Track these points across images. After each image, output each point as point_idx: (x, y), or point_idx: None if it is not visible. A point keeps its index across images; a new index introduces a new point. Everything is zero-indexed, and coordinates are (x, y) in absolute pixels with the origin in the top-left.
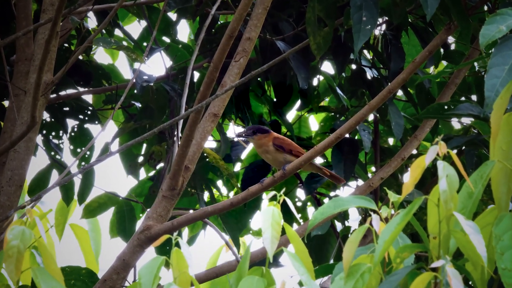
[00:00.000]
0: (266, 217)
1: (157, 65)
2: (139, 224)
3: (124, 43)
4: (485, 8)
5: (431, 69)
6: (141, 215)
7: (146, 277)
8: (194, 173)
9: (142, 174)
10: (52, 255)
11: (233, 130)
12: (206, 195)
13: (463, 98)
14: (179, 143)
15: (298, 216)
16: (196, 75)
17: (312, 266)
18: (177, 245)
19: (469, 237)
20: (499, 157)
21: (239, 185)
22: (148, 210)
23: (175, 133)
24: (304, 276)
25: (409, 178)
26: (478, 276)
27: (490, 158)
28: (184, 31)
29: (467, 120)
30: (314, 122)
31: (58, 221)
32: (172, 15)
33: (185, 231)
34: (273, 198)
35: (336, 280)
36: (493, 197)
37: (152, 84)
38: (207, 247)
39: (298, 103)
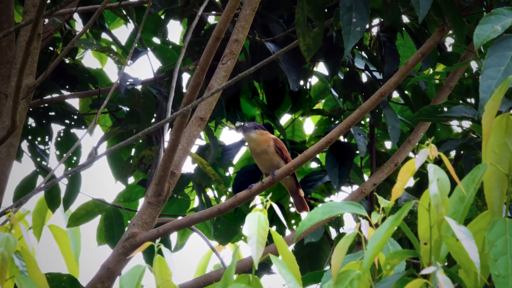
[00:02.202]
0: (251, 222)
1: (147, 67)
2: None
3: (113, 47)
4: (483, 8)
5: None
6: (129, 221)
7: (127, 286)
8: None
9: (131, 179)
10: (36, 261)
11: (236, 123)
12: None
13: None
14: (165, 148)
15: (292, 221)
16: (186, 77)
17: (300, 274)
18: (160, 252)
19: (461, 242)
20: (492, 160)
21: (227, 191)
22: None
23: (161, 137)
24: (291, 284)
25: (398, 182)
26: (471, 284)
27: (482, 161)
28: (177, 31)
29: (466, 124)
30: (311, 124)
31: (36, 222)
32: (163, 15)
33: (174, 237)
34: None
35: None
36: (486, 202)
37: (138, 87)
38: (199, 254)
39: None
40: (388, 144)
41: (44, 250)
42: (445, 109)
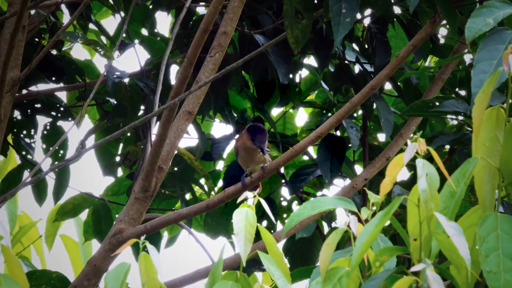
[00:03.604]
0: (239, 219)
1: (134, 59)
2: None
3: (103, 38)
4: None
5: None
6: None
7: (112, 283)
8: (173, 174)
9: (120, 172)
10: (17, 260)
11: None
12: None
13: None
14: (152, 142)
15: (284, 215)
16: (174, 70)
17: (288, 270)
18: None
19: (452, 239)
20: (482, 154)
21: (215, 187)
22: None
23: (148, 131)
24: (280, 280)
25: (387, 177)
26: (462, 280)
27: (473, 155)
28: (166, 22)
29: (461, 116)
30: (304, 116)
31: (49, 232)
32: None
33: (165, 233)
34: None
35: (313, 285)
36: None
37: (125, 80)
38: (188, 249)
39: None
40: (381, 137)
41: (55, 258)
42: (437, 103)
